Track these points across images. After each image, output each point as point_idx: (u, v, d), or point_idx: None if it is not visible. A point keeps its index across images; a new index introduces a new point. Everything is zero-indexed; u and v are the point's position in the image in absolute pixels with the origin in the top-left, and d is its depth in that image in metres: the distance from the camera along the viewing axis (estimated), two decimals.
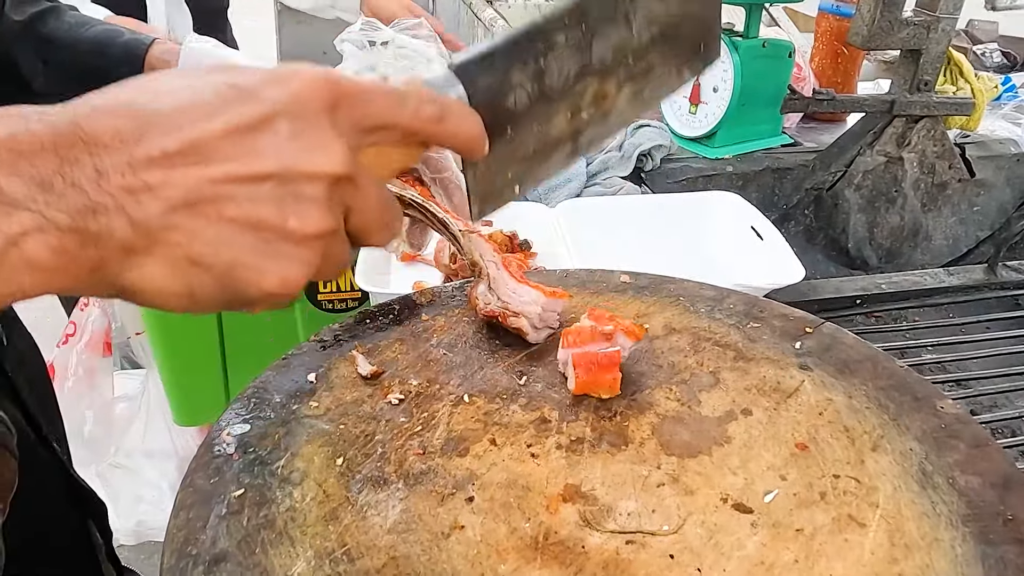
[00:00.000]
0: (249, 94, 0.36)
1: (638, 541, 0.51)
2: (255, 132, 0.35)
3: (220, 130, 0.34)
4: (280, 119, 0.36)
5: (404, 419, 0.62)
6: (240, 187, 0.35)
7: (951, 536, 0.51)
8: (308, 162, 0.36)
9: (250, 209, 0.35)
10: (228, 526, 0.51)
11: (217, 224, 0.35)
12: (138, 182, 0.33)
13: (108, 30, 0.71)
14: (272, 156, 0.35)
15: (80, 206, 0.32)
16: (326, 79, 0.37)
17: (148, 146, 0.33)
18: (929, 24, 1.29)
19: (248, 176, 0.35)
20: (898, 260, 1.48)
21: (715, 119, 1.41)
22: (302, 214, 0.36)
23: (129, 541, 1.63)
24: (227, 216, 0.35)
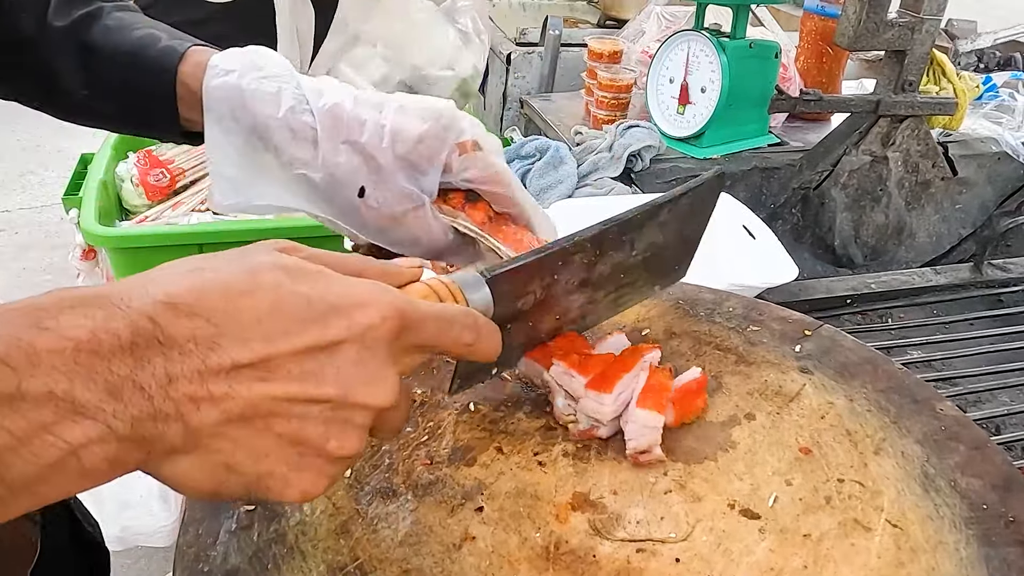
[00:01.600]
0: (323, 316, 0.36)
1: (648, 549, 0.52)
2: (323, 355, 0.36)
3: (291, 350, 0.35)
4: (348, 347, 0.36)
5: (410, 429, 0.61)
6: (296, 406, 0.36)
7: (955, 539, 0.52)
8: (365, 394, 0.37)
9: (298, 427, 0.36)
10: (239, 541, 0.51)
11: (264, 437, 0.35)
12: (203, 391, 0.33)
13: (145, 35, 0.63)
14: (333, 383, 0.36)
15: (143, 413, 0.32)
16: (399, 312, 0.38)
17: (221, 356, 0.34)
18: (913, 25, 1.31)
19: (308, 398, 0.36)
20: (883, 258, 1.50)
21: (703, 119, 1.41)
22: (344, 438, 0.37)
23: (115, 547, 1.60)
24: (275, 431, 0.36)
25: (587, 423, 0.60)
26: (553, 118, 1.64)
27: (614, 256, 0.61)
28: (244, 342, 0.34)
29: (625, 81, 1.49)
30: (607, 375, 0.60)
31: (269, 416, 0.35)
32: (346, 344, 0.36)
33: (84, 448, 0.31)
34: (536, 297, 0.56)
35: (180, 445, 0.34)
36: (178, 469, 0.35)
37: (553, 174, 1.29)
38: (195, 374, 0.33)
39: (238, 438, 0.35)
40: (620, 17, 2.24)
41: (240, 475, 0.36)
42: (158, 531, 1.63)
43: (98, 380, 0.31)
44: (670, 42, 1.44)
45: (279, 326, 0.35)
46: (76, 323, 0.31)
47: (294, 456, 0.36)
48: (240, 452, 0.35)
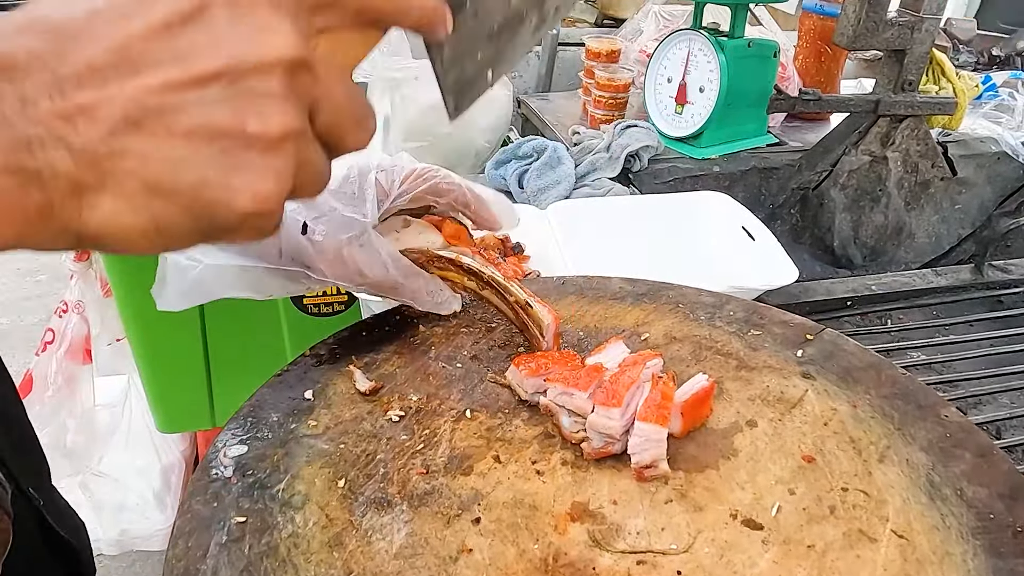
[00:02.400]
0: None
1: (649, 561, 0.51)
2: (188, 26, 0.30)
3: (147, 30, 0.30)
4: (214, 7, 0.31)
5: (405, 437, 0.60)
6: (185, 94, 0.30)
7: (962, 550, 0.51)
8: (255, 50, 0.31)
9: (201, 117, 0.30)
10: (229, 555, 0.50)
11: (169, 141, 0.30)
12: (69, 105, 0.29)
13: None
14: (213, 51, 0.30)
15: (10, 142, 0.28)
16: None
17: (72, 62, 0.29)
18: (913, 24, 1.30)
19: (191, 79, 0.30)
20: (882, 258, 1.49)
21: (701, 119, 1.40)
22: (261, 113, 0.31)
23: (112, 551, 1.59)
24: (179, 130, 0.30)
25: (600, 441, 0.58)
26: (551, 118, 1.63)
27: None
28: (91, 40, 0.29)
29: (623, 81, 1.48)
30: (613, 389, 0.58)
31: (162, 113, 0.30)
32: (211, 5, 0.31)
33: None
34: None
35: (80, 175, 0.30)
36: (102, 213, 0.30)
37: (551, 174, 1.28)
38: (51, 88, 0.29)
39: (141, 150, 0.30)
40: (618, 16, 2.23)
41: (169, 196, 0.31)
42: (154, 535, 1.63)
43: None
44: (668, 41, 1.43)
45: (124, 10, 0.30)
46: None
47: (220, 155, 0.31)
48: (152, 166, 0.30)
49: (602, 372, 0.62)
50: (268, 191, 0.32)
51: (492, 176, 1.33)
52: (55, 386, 1.38)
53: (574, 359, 0.64)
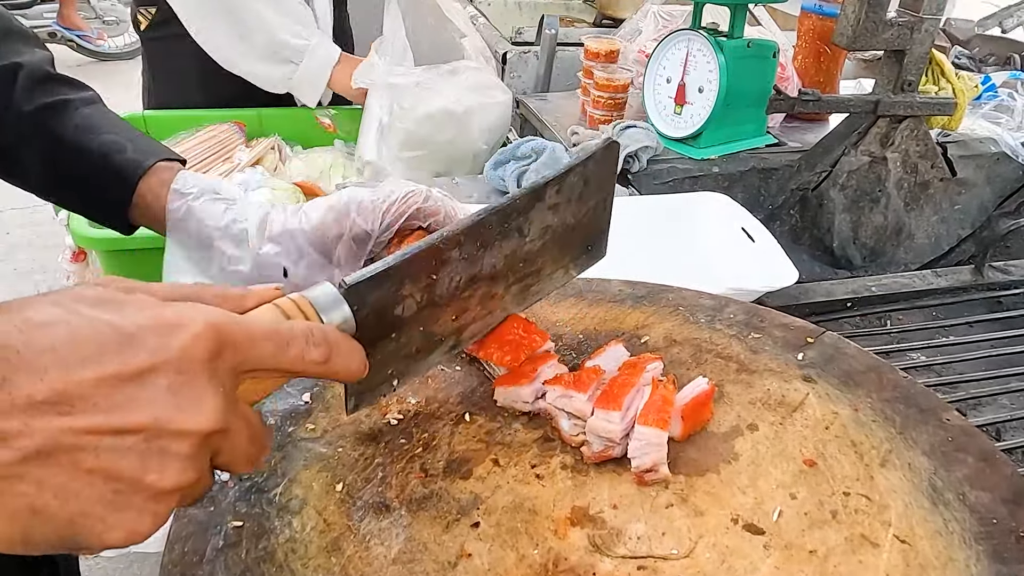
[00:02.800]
0: (130, 341, 0.34)
1: (649, 567, 0.50)
2: (131, 384, 0.34)
3: (93, 379, 0.33)
4: (159, 372, 0.34)
5: (404, 440, 0.60)
6: (103, 439, 0.33)
7: (965, 555, 0.50)
8: (181, 420, 0.35)
9: (109, 461, 0.33)
10: (226, 560, 0.49)
11: (71, 475, 0.33)
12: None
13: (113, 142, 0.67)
14: (145, 410, 0.34)
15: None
16: (214, 330, 0.36)
17: (12, 393, 0.31)
18: (913, 25, 1.29)
19: (113, 428, 0.33)
20: (882, 259, 1.49)
21: (701, 120, 1.40)
22: (164, 470, 0.34)
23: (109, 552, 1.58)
24: (83, 467, 0.33)
25: (600, 444, 0.58)
26: (549, 118, 1.62)
27: (503, 246, 0.59)
28: (39, 374, 0.32)
29: (622, 81, 1.47)
30: (613, 392, 0.58)
31: (74, 451, 0.33)
32: (156, 370, 0.34)
33: None
34: (418, 301, 0.53)
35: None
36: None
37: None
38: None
39: (41, 478, 0.32)
40: (616, 16, 2.22)
41: (48, 519, 0.33)
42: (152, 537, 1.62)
43: None
44: (667, 41, 1.42)
45: (76, 355, 0.33)
46: None
47: (109, 494, 0.34)
48: (45, 493, 0.32)
49: (600, 374, 0.61)
50: (141, 530, 0.35)
51: (491, 177, 1.33)
52: None
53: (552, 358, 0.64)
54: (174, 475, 0.35)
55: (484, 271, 0.58)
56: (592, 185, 0.64)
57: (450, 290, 0.56)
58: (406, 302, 0.52)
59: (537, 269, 0.64)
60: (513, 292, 0.63)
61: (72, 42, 5.11)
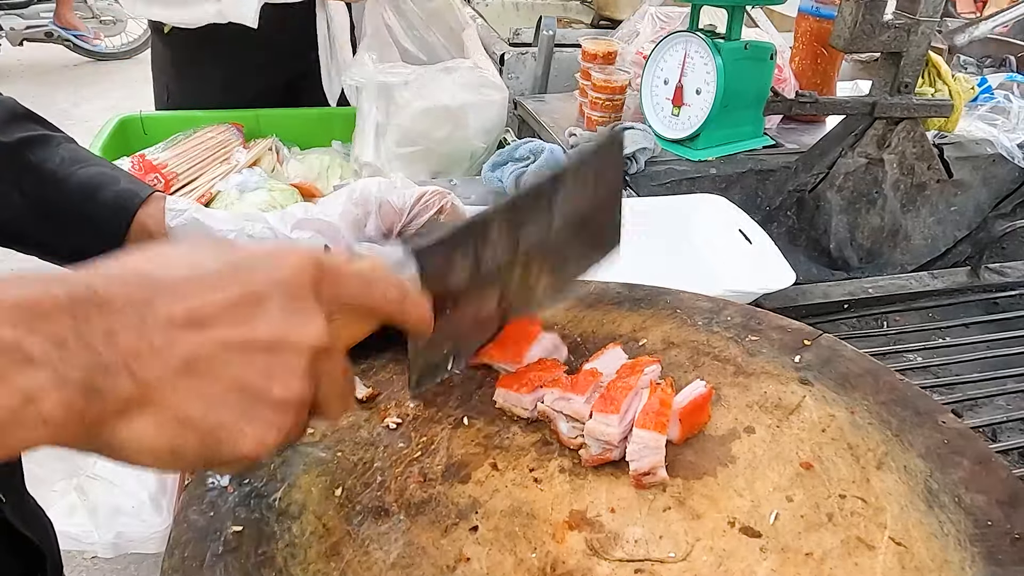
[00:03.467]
0: (247, 271, 0.39)
1: (647, 570, 0.51)
2: (252, 306, 0.38)
3: (222, 302, 0.37)
4: (272, 295, 0.39)
5: (403, 444, 0.60)
6: (235, 353, 0.37)
7: (960, 557, 0.51)
8: (296, 335, 0.39)
9: (240, 372, 0.38)
10: (226, 565, 0.49)
11: (210, 385, 0.37)
12: (145, 344, 0.35)
13: (103, 174, 0.68)
14: (264, 326, 0.38)
15: (92, 364, 0.34)
16: (312, 260, 0.41)
17: (156, 312, 0.36)
18: (909, 27, 1.30)
19: (243, 342, 0.38)
20: (878, 260, 1.49)
21: (698, 121, 1.40)
22: (286, 382, 0.39)
23: (107, 553, 1.58)
24: (220, 378, 0.37)
25: (598, 447, 0.58)
26: (547, 119, 1.62)
27: (533, 229, 0.62)
28: (177, 298, 0.37)
29: (619, 82, 1.48)
30: (611, 395, 0.58)
31: (211, 361, 0.37)
32: (271, 293, 0.39)
33: (40, 392, 0.32)
34: (467, 275, 0.57)
35: (133, 400, 0.35)
36: (134, 431, 0.36)
37: None
38: (134, 328, 0.35)
39: (187, 388, 0.36)
40: (614, 17, 2.23)
41: (193, 429, 0.37)
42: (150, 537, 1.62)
43: (41, 332, 0.33)
44: (665, 43, 1.43)
45: (207, 283, 0.38)
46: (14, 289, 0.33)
47: (242, 403, 0.38)
48: (190, 403, 0.36)
49: (598, 377, 0.62)
50: (268, 441, 0.39)
51: (488, 178, 1.33)
52: None
53: (559, 368, 0.64)
54: (294, 387, 0.39)
55: (520, 254, 0.62)
56: (604, 173, 0.68)
57: (493, 268, 0.59)
58: (458, 273, 0.56)
59: (564, 256, 0.67)
60: (546, 278, 0.66)
61: (68, 42, 5.10)
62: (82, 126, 4.17)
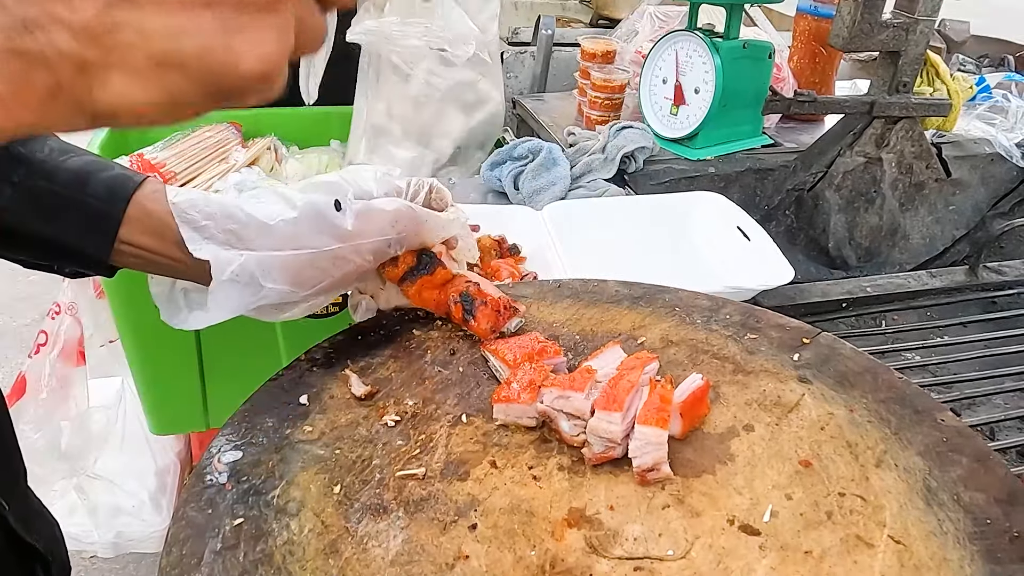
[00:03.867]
0: None
1: (646, 568, 0.50)
2: None
3: None
4: None
5: (401, 442, 0.60)
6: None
7: (959, 555, 0.51)
8: None
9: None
10: (224, 562, 0.49)
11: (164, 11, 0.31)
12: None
13: (95, 161, 0.65)
14: None
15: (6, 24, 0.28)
16: None
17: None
18: (908, 26, 1.30)
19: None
20: (877, 259, 1.50)
21: (697, 120, 1.40)
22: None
23: (107, 553, 1.58)
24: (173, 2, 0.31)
25: (601, 445, 0.58)
26: (546, 118, 1.62)
27: None
28: None
29: (618, 81, 1.48)
30: (614, 393, 0.58)
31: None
32: None
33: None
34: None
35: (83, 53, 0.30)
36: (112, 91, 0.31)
37: (546, 176, 1.28)
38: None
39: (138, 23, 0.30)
40: (613, 17, 2.23)
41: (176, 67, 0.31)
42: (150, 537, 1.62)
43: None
44: (663, 42, 1.43)
45: None
46: None
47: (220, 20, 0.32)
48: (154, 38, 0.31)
49: (594, 373, 0.62)
50: (271, 50, 0.33)
51: (487, 177, 1.33)
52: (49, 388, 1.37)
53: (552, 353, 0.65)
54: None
55: None
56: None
57: None
58: None
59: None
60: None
61: None
62: None
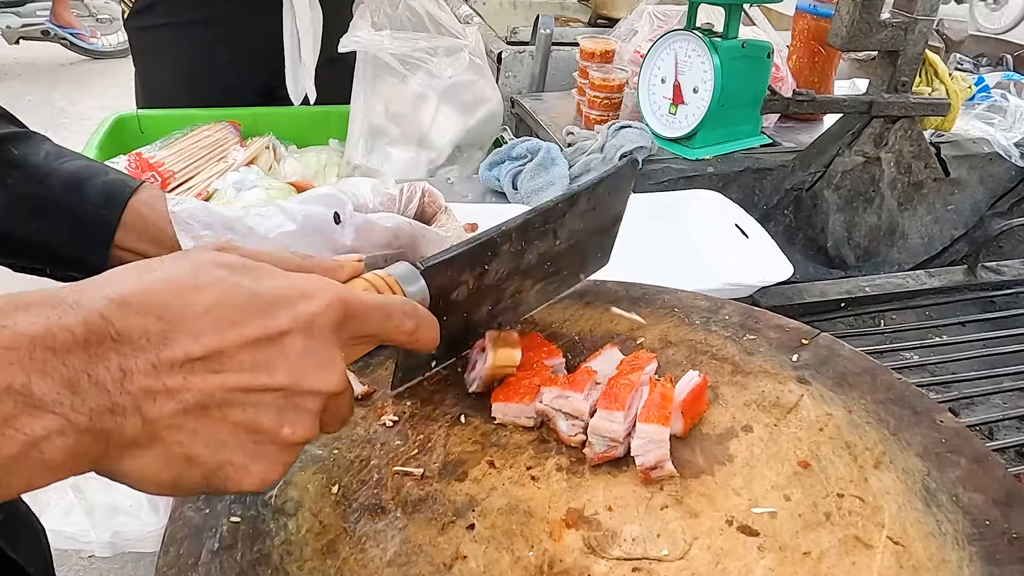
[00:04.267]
0: (271, 307, 0.38)
1: (644, 568, 0.50)
2: (271, 346, 0.37)
3: (240, 341, 0.36)
4: (295, 336, 0.38)
5: (399, 442, 0.60)
6: (249, 396, 0.37)
7: (958, 556, 0.51)
8: (314, 381, 0.39)
9: (253, 416, 0.37)
10: (221, 563, 0.49)
11: (220, 427, 0.36)
12: (159, 384, 0.34)
13: (90, 166, 0.66)
14: (283, 371, 0.37)
15: (102, 406, 0.33)
16: (341, 301, 0.40)
17: (173, 350, 0.35)
18: (907, 26, 1.30)
19: (258, 387, 0.37)
20: (875, 259, 1.50)
21: (695, 120, 1.40)
22: (296, 424, 0.38)
23: (104, 553, 1.58)
24: (231, 420, 0.37)
25: (603, 445, 0.58)
26: (544, 118, 1.62)
27: (540, 245, 0.64)
28: (195, 336, 0.35)
29: (617, 81, 1.47)
30: (615, 392, 0.58)
31: (224, 406, 0.36)
32: (293, 334, 0.38)
33: (45, 440, 0.31)
34: (469, 288, 0.59)
35: (138, 438, 0.35)
36: (138, 464, 0.35)
37: (544, 175, 1.28)
38: (150, 368, 0.34)
39: (196, 429, 0.36)
40: (612, 16, 2.22)
41: (199, 466, 0.37)
42: (147, 536, 1.61)
43: (54, 375, 0.32)
44: (662, 42, 1.43)
45: (226, 318, 0.36)
46: (30, 321, 0.32)
47: (250, 444, 0.37)
48: (198, 443, 0.36)
49: (593, 374, 0.61)
50: (272, 477, 0.39)
51: (485, 177, 1.33)
52: None
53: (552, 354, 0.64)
54: (304, 429, 0.39)
55: (522, 267, 0.64)
56: (613, 198, 0.71)
57: (494, 281, 0.61)
58: (461, 288, 0.58)
59: (558, 270, 0.70)
60: (537, 290, 0.69)
61: (65, 40, 5.08)
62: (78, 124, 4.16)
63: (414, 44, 1.35)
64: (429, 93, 1.38)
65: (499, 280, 0.62)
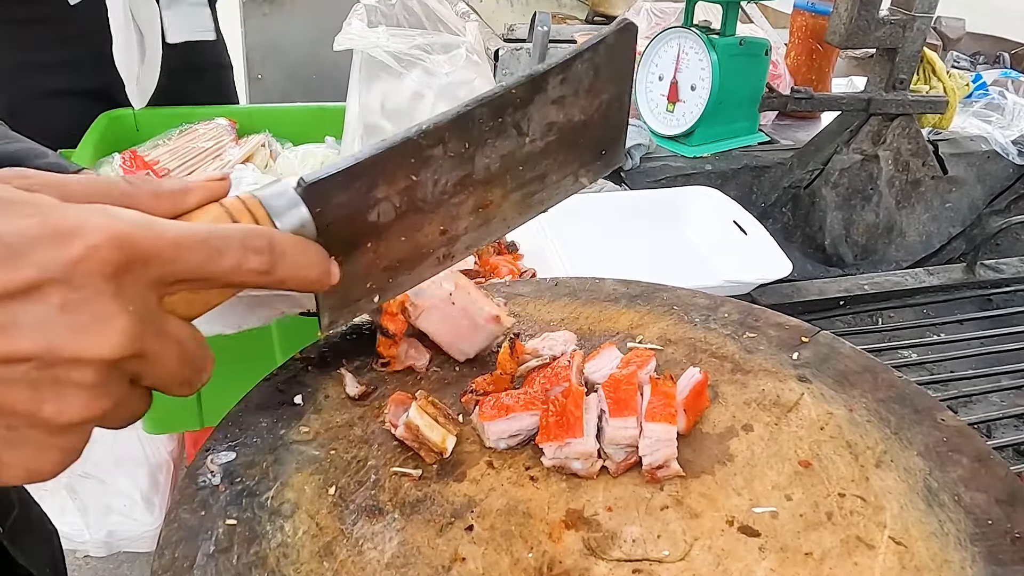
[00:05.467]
0: (17, 254, 0.29)
1: (645, 570, 0.50)
2: (17, 302, 0.29)
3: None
4: (51, 288, 0.29)
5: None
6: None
7: (961, 557, 0.50)
8: (79, 345, 0.30)
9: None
10: (217, 565, 0.48)
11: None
12: None
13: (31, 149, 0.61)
14: (33, 334, 0.29)
15: None
16: (117, 240, 0.31)
17: None
18: (905, 23, 1.29)
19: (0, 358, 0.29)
20: (873, 257, 1.49)
21: (693, 117, 1.40)
22: (62, 401, 0.31)
23: (99, 552, 1.57)
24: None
25: (622, 453, 0.56)
26: None
27: (497, 145, 0.52)
28: None
29: None
30: (620, 397, 0.57)
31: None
32: (46, 286, 0.29)
33: None
34: (396, 206, 0.48)
35: None
36: None
37: None
38: None
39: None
40: (609, 13, 2.22)
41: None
42: (142, 536, 1.61)
43: None
44: (659, 39, 1.42)
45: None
46: None
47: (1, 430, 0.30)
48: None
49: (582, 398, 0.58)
50: (45, 468, 0.31)
51: None
52: None
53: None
54: (77, 407, 0.31)
55: (477, 174, 0.52)
56: (604, 76, 0.56)
57: (435, 195, 0.50)
58: (381, 206, 0.47)
59: (541, 174, 0.56)
60: (513, 200, 0.56)
61: None
62: None
63: (410, 41, 1.35)
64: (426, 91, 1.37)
65: (444, 194, 0.50)
